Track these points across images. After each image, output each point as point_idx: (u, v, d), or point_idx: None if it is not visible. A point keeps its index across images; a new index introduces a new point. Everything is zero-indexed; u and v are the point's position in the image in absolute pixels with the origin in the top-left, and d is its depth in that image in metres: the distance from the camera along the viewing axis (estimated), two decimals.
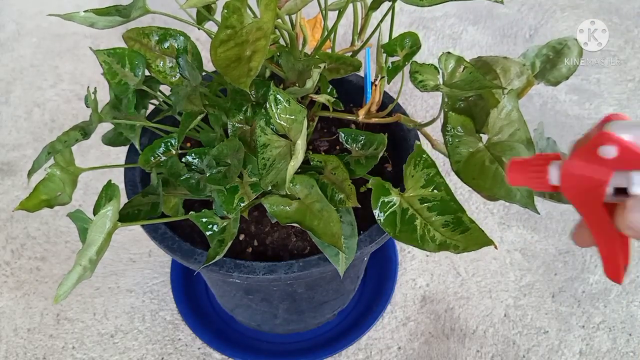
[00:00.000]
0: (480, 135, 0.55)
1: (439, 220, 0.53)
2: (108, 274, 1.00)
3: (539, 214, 0.67)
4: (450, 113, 0.55)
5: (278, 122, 0.54)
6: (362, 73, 0.69)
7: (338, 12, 0.64)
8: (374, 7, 0.63)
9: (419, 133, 0.69)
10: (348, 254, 0.58)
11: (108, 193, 0.55)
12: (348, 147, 0.62)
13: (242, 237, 0.67)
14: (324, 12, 0.65)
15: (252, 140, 0.59)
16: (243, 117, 0.59)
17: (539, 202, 0.53)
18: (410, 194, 0.55)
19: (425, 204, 0.54)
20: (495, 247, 0.51)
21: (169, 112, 0.66)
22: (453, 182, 1.03)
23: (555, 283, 0.97)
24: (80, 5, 1.52)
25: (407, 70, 0.60)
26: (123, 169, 0.70)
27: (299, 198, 0.56)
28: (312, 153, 0.61)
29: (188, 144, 0.75)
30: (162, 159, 0.62)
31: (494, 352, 0.90)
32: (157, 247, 0.64)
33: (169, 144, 0.63)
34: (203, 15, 0.64)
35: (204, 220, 0.59)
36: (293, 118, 0.55)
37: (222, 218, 0.59)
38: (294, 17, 0.65)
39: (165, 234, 0.63)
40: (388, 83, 0.63)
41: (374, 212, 0.54)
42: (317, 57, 0.62)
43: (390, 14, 0.62)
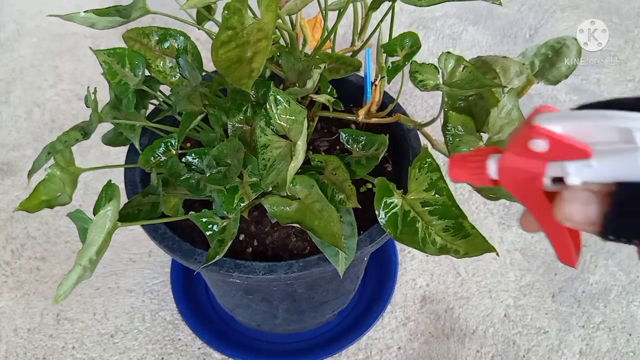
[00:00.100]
0: (481, 135, 0.55)
1: (440, 225, 0.53)
2: (108, 274, 1.00)
3: None
4: (451, 112, 0.55)
5: (278, 122, 0.54)
6: (362, 73, 0.69)
7: (338, 12, 0.64)
8: (374, 7, 0.63)
9: (419, 133, 0.69)
10: (348, 254, 0.58)
11: (108, 193, 0.55)
12: (349, 147, 0.62)
13: (242, 237, 0.67)
14: (324, 12, 0.65)
15: (252, 141, 0.59)
16: (243, 117, 0.59)
17: None
18: (413, 197, 0.55)
19: (427, 208, 0.54)
20: (497, 253, 0.51)
21: (169, 112, 0.66)
22: (453, 183, 1.03)
23: (555, 283, 0.97)
24: (81, 6, 1.52)
25: (407, 70, 0.60)
26: (123, 169, 0.70)
27: (299, 198, 0.56)
28: (312, 153, 0.61)
29: (188, 144, 0.75)
30: (162, 159, 0.62)
31: (494, 352, 0.90)
32: (157, 247, 0.64)
33: (169, 144, 0.63)
34: (203, 16, 0.64)
35: (204, 220, 0.59)
36: (293, 118, 0.55)
37: (222, 218, 0.59)
38: (294, 17, 0.65)
39: (165, 234, 0.63)
40: (388, 83, 0.63)
41: (377, 212, 0.54)
42: (317, 57, 0.62)
43: (390, 14, 0.62)
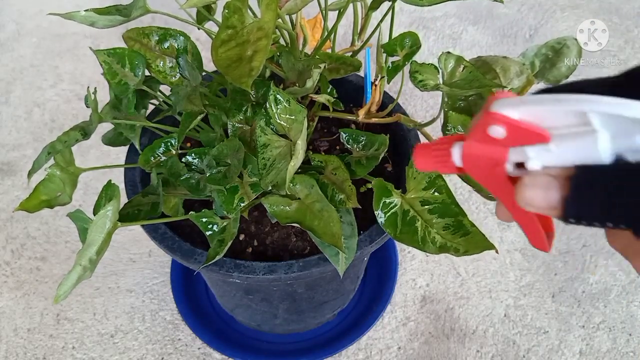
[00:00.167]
0: None
1: (440, 223, 0.53)
2: (108, 274, 0.99)
3: None
4: (451, 112, 0.55)
5: (278, 122, 0.54)
6: (362, 73, 0.69)
7: (338, 12, 0.64)
8: (374, 7, 0.63)
9: (419, 133, 0.69)
10: (348, 254, 0.58)
11: (108, 193, 0.55)
12: (349, 147, 0.62)
13: (242, 237, 0.67)
14: (324, 12, 0.65)
15: (252, 140, 0.59)
16: (243, 117, 0.59)
17: None
18: (412, 196, 0.55)
19: (426, 206, 0.54)
20: (497, 251, 0.51)
21: (169, 112, 0.65)
22: (453, 182, 1.03)
23: (555, 283, 0.97)
24: (81, 5, 1.52)
25: (407, 70, 0.60)
26: (123, 169, 0.70)
27: (299, 198, 0.56)
28: (312, 153, 0.61)
29: (188, 144, 0.75)
30: (162, 159, 0.62)
31: (494, 352, 0.90)
32: (157, 247, 0.64)
33: (169, 144, 0.63)
34: (203, 15, 0.64)
35: (204, 220, 0.59)
36: (293, 118, 0.55)
37: (222, 218, 0.59)
38: (294, 17, 0.65)
39: (165, 234, 0.63)
40: (388, 83, 0.63)
41: (375, 212, 0.54)
42: (317, 57, 0.62)
43: (390, 14, 0.62)
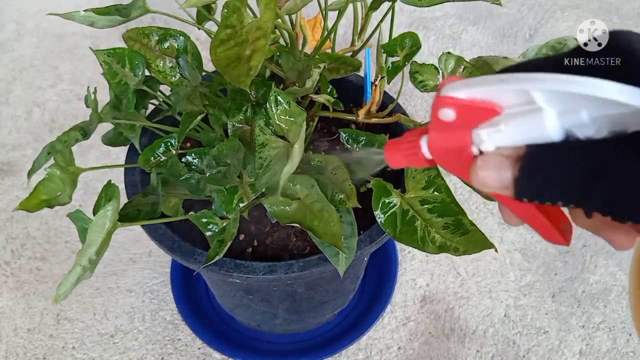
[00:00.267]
0: None
1: (440, 222, 0.53)
2: (108, 274, 0.99)
3: None
4: None
5: (277, 123, 0.54)
6: (362, 73, 0.69)
7: (338, 12, 0.64)
8: (374, 7, 0.63)
9: None
10: (348, 254, 0.58)
11: (108, 193, 0.55)
12: (349, 147, 0.62)
13: (242, 237, 0.67)
14: (324, 12, 0.65)
15: (252, 141, 0.59)
16: (243, 117, 0.59)
17: None
18: (411, 195, 0.55)
19: (426, 206, 0.54)
20: (496, 250, 0.51)
21: (169, 112, 0.66)
22: (453, 182, 1.03)
23: (555, 283, 0.97)
24: (80, 5, 1.52)
25: (407, 70, 0.60)
26: (123, 169, 0.70)
27: (299, 198, 0.56)
28: (312, 153, 0.61)
29: (188, 144, 0.75)
30: (162, 159, 0.62)
31: (494, 352, 0.90)
32: (157, 247, 0.64)
33: (169, 144, 0.63)
34: (203, 15, 0.64)
35: (204, 221, 0.59)
36: (292, 120, 0.55)
37: (221, 218, 0.59)
38: (294, 17, 0.65)
39: (165, 234, 0.63)
40: (388, 83, 0.63)
41: (375, 212, 0.54)
42: (317, 57, 0.62)
43: (390, 14, 0.62)
